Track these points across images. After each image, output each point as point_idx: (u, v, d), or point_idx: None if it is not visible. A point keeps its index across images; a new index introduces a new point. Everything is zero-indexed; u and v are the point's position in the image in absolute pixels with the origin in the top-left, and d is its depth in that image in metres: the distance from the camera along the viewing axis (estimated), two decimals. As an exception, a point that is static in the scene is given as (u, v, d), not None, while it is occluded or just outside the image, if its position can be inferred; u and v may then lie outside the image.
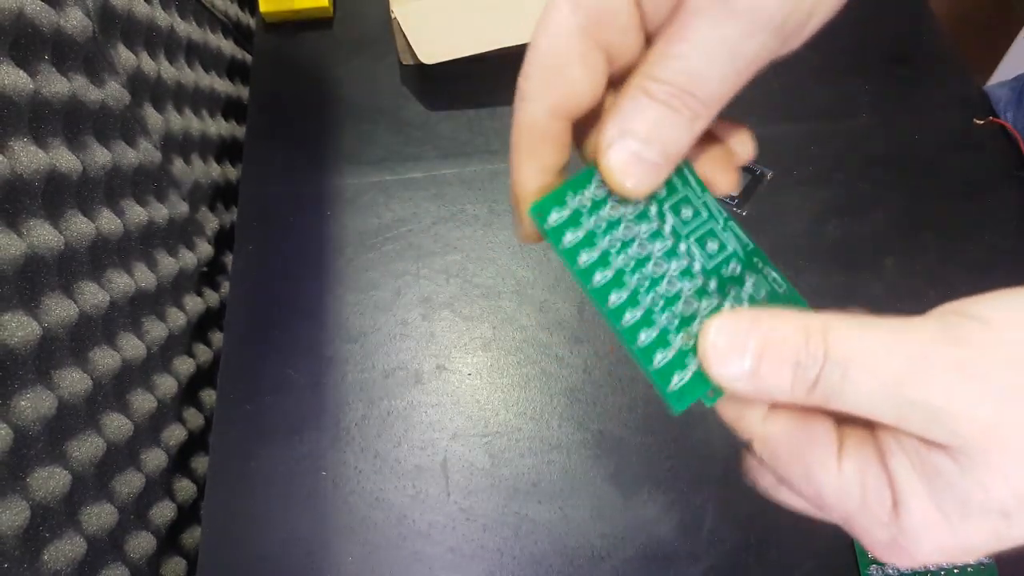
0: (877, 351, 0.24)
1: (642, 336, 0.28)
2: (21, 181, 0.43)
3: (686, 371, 0.27)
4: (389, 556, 0.56)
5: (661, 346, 0.28)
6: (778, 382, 0.25)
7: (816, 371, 0.24)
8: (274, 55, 0.80)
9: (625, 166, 0.28)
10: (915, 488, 0.24)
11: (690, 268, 0.29)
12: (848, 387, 0.24)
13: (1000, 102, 0.73)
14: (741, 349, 0.26)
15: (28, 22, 0.43)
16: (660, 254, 0.29)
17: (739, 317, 0.26)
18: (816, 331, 0.25)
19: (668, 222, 0.30)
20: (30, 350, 0.43)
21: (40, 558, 0.44)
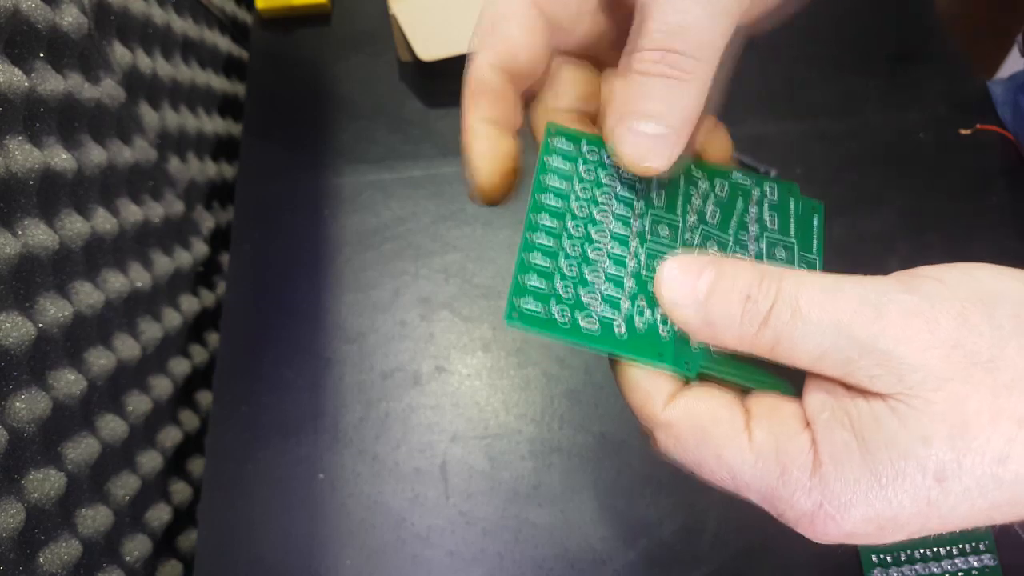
0: (830, 291, 0.24)
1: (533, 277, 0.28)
2: (15, 179, 0.43)
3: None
4: (387, 560, 0.56)
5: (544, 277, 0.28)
6: (728, 314, 0.25)
7: (767, 306, 0.24)
8: (271, 52, 0.79)
9: (634, 147, 0.28)
10: (844, 442, 0.23)
11: (623, 261, 0.29)
12: (798, 325, 0.24)
13: (998, 101, 0.73)
14: (695, 276, 0.25)
15: (23, 19, 0.43)
16: (609, 234, 0.30)
17: (699, 255, 0.26)
18: (771, 274, 0.25)
19: (640, 225, 0.30)
20: (24, 350, 0.42)
21: (35, 561, 0.43)
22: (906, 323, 0.23)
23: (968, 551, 0.53)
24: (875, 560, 0.54)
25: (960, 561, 0.53)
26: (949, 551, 0.53)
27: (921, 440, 0.22)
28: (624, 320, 0.28)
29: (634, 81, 0.28)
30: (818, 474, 0.23)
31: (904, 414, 0.22)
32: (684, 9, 0.27)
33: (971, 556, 0.53)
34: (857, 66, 0.77)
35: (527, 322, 0.27)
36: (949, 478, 0.22)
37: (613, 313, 0.28)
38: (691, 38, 0.27)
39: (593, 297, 0.28)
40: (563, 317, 0.27)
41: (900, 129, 0.73)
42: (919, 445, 0.22)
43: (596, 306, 0.28)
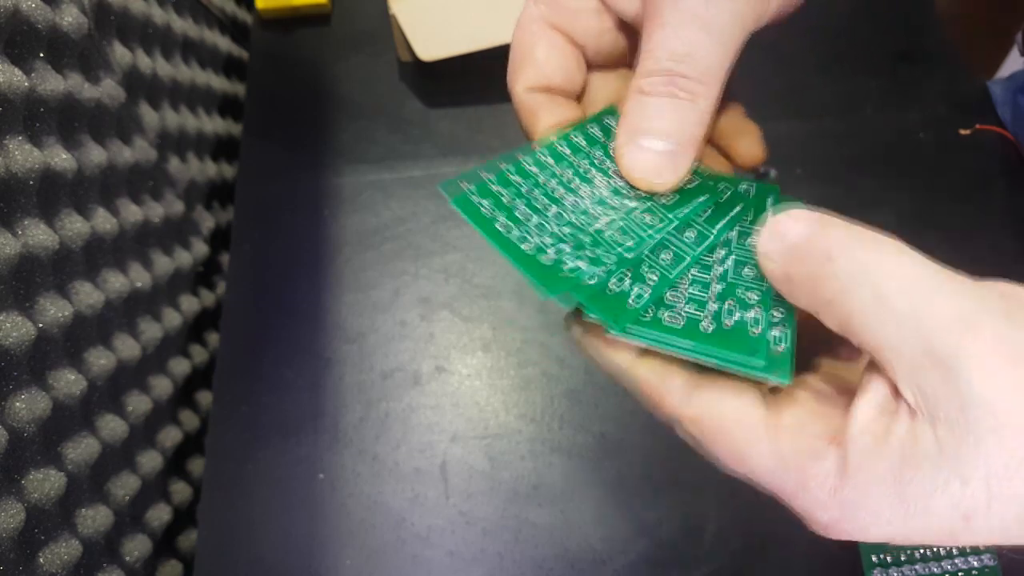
0: (926, 287, 0.22)
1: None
2: (15, 180, 0.43)
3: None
4: (387, 560, 0.56)
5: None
6: (807, 270, 0.25)
7: (848, 277, 0.23)
8: (271, 52, 0.79)
9: (643, 165, 0.29)
10: (879, 474, 0.22)
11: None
12: (878, 311, 0.22)
13: (998, 100, 0.73)
14: (785, 232, 0.26)
15: (23, 19, 0.43)
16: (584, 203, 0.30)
17: (798, 213, 0.26)
18: (867, 248, 0.24)
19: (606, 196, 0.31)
20: (24, 350, 0.42)
21: (35, 561, 0.43)
22: (992, 353, 0.21)
23: (968, 551, 0.53)
24: (875, 560, 0.54)
25: (960, 561, 0.53)
26: (949, 551, 0.53)
27: (960, 480, 0.21)
28: (712, 317, 0.27)
29: (641, 101, 0.29)
30: (840, 494, 0.23)
31: (951, 450, 0.21)
32: (689, 39, 0.28)
33: (971, 556, 0.53)
34: (857, 66, 0.77)
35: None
36: (977, 518, 0.22)
37: (697, 311, 0.27)
38: (697, 63, 0.28)
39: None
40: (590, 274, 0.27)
41: (900, 129, 0.73)
42: (957, 484, 0.21)
43: (679, 303, 0.27)
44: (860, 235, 0.24)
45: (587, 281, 0.27)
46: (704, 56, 0.28)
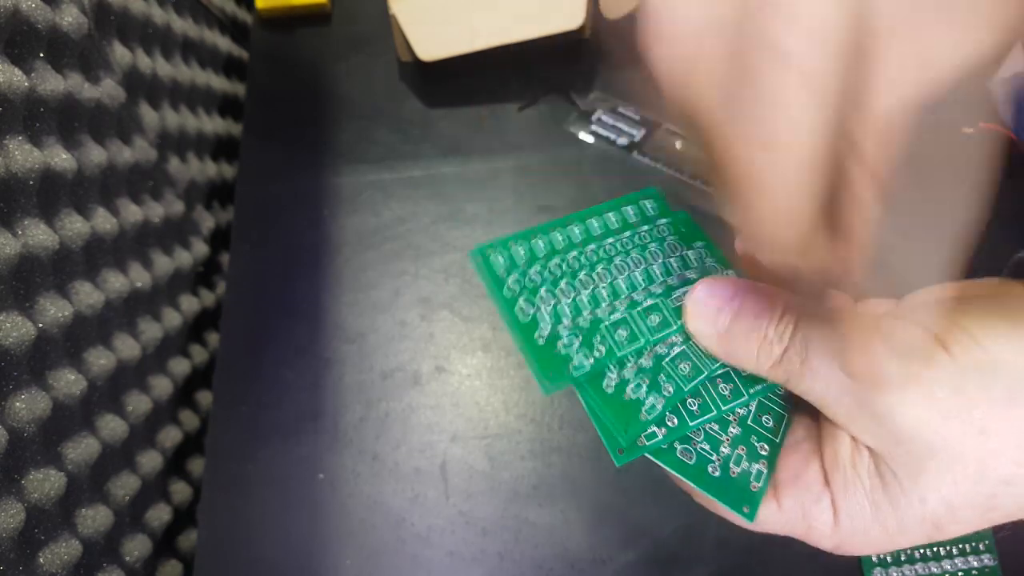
0: (839, 343, 0.25)
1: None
2: (16, 180, 0.43)
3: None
4: (387, 560, 0.56)
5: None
6: (745, 351, 0.27)
7: (780, 350, 0.26)
8: (271, 52, 0.79)
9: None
10: (859, 505, 0.26)
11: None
12: (806, 374, 0.25)
13: (1001, 100, 0.73)
14: (717, 311, 0.27)
15: (23, 19, 0.43)
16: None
17: (727, 282, 0.28)
18: (791, 312, 0.26)
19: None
20: (24, 350, 0.42)
21: (35, 561, 0.43)
22: (905, 392, 0.24)
23: (968, 551, 0.53)
24: (875, 560, 0.54)
25: (960, 561, 0.53)
26: (949, 551, 0.53)
27: (919, 499, 0.25)
28: (720, 463, 0.29)
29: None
30: (838, 528, 0.27)
31: (903, 476, 0.25)
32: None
33: (971, 556, 0.53)
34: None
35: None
36: (946, 524, 0.25)
37: (710, 451, 0.29)
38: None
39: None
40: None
41: (900, 129, 0.73)
42: (918, 504, 0.25)
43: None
44: (781, 305, 0.26)
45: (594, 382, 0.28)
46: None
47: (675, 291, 0.30)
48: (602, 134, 0.72)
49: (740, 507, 0.28)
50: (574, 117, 0.73)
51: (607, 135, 0.72)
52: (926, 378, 0.24)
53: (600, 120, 0.73)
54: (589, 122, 0.73)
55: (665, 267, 0.31)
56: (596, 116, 0.73)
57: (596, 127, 0.73)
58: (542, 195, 0.70)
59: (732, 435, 0.29)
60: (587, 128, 0.73)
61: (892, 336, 0.25)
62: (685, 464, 0.28)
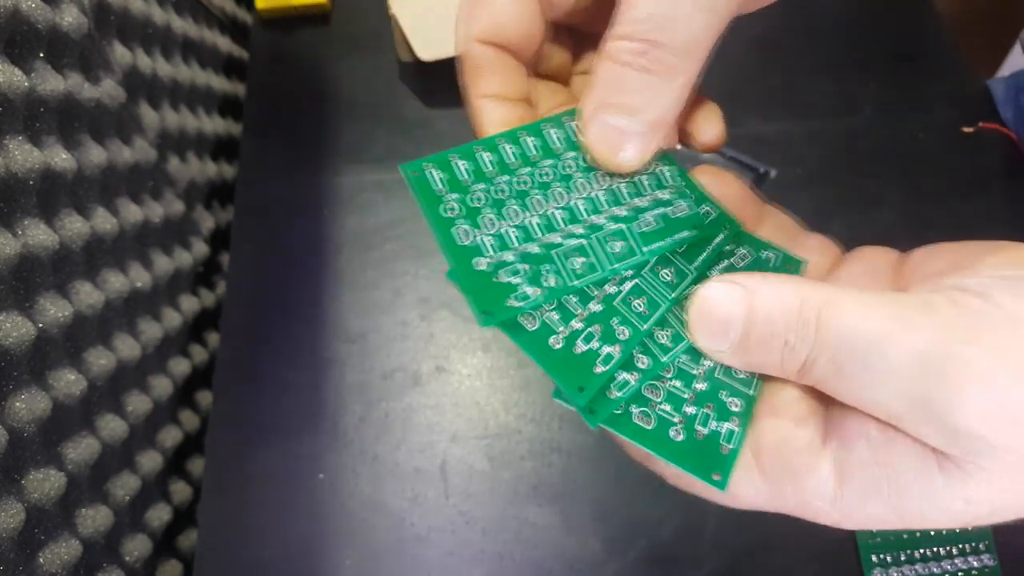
0: (878, 343, 0.21)
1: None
2: (16, 180, 0.43)
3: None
4: (387, 560, 0.56)
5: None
6: (765, 360, 0.23)
7: (805, 353, 0.22)
8: (271, 52, 0.79)
9: (608, 141, 0.26)
10: (876, 486, 0.22)
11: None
12: (838, 375, 0.22)
13: (999, 99, 0.73)
14: (725, 324, 0.23)
15: (23, 19, 0.43)
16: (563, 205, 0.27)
17: (731, 284, 0.24)
18: (811, 307, 0.22)
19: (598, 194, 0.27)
20: (24, 350, 0.42)
21: (35, 560, 0.43)
22: (968, 386, 0.20)
23: (968, 551, 0.53)
24: (875, 560, 0.54)
25: (960, 561, 0.53)
26: (949, 551, 0.53)
27: (963, 499, 0.21)
28: (684, 424, 0.25)
29: (611, 71, 0.26)
30: (840, 504, 0.23)
31: (951, 475, 0.21)
32: (672, 2, 0.24)
33: (971, 556, 0.53)
34: (857, 66, 0.77)
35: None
36: (981, 519, 0.22)
37: (671, 412, 0.25)
38: (678, 33, 0.25)
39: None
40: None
41: (900, 129, 0.73)
42: (960, 502, 0.21)
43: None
44: (799, 301, 0.23)
45: (528, 311, 0.24)
46: (687, 25, 0.24)
47: (644, 213, 0.27)
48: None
49: (709, 474, 0.24)
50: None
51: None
52: (989, 363, 0.20)
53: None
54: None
55: (634, 185, 0.28)
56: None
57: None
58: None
59: (697, 391, 0.25)
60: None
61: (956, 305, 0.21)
62: (643, 430, 0.24)
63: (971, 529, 0.54)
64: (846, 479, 0.23)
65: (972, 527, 0.22)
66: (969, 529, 0.54)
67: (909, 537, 0.54)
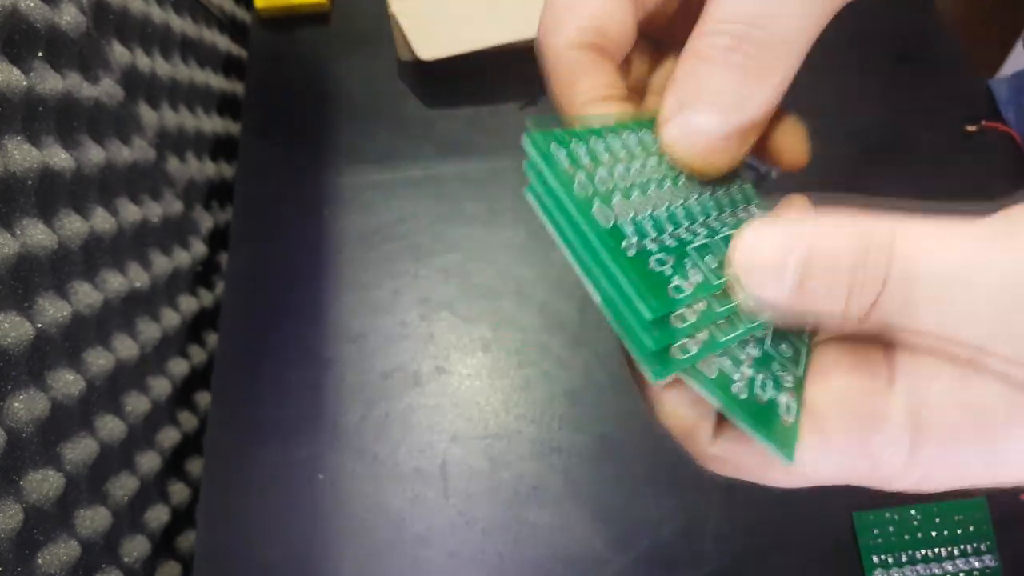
0: (963, 270, 0.19)
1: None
2: (14, 179, 0.43)
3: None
4: (387, 561, 0.56)
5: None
6: (827, 307, 0.20)
7: (875, 292, 0.19)
8: (270, 51, 0.79)
9: (688, 143, 0.24)
10: (960, 432, 0.20)
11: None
12: (914, 312, 0.19)
13: (1001, 100, 0.73)
14: (778, 269, 0.20)
15: (22, 18, 0.43)
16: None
17: (779, 224, 0.21)
18: (879, 244, 0.20)
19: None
20: (23, 351, 0.42)
21: (34, 561, 0.43)
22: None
23: (969, 552, 0.53)
24: (876, 561, 0.53)
25: (961, 562, 0.53)
26: (950, 552, 0.53)
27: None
28: (746, 384, 0.22)
29: (697, 67, 0.23)
30: (918, 462, 0.20)
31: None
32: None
33: (972, 557, 0.53)
34: (858, 65, 0.76)
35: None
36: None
37: (731, 367, 0.22)
38: (775, 30, 0.23)
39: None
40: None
41: (902, 129, 0.73)
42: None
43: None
44: (867, 232, 0.20)
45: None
46: (785, 22, 0.23)
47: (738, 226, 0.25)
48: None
49: (781, 448, 0.21)
50: (574, 117, 0.73)
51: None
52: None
53: (600, 120, 0.73)
54: (589, 122, 0.73)
55: (718, 203, 0.26)
56: (596, 116, 0.73)
57: (596, 127, 0.72)
58: (542, 195, 0.69)
59: (751, 356, 0.23)
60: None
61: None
62: (707, 377, 0.22)
63: (972, 528, 0.54)
64: (923, 428, 0.20)
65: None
66: (971, 528, 0.54)
67: (910, 538, 0.54)
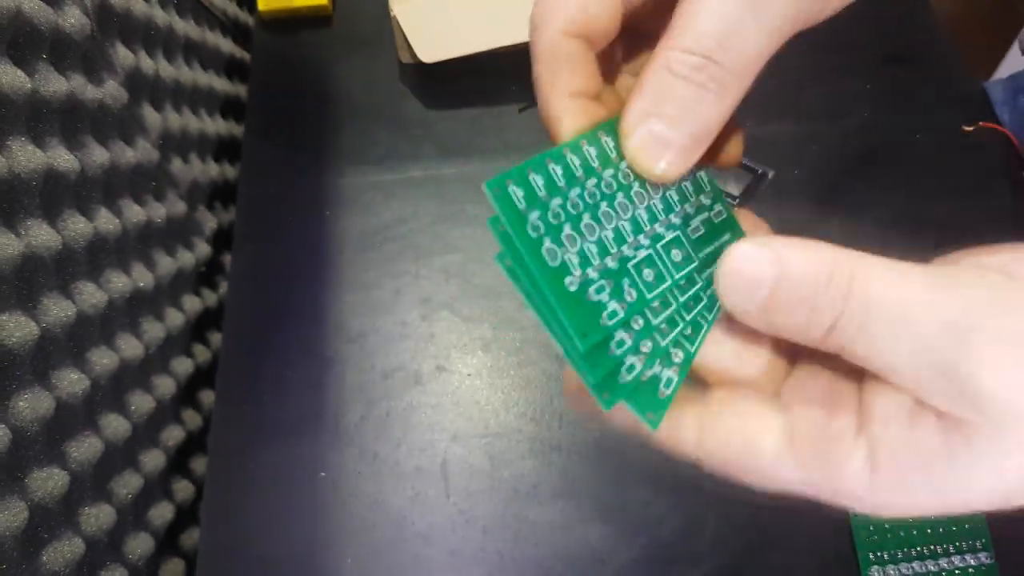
0: (908, 309, 0.21)
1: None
2: (19, 180, 0.43)
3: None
4: (388, 559, 0.56)
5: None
6: (791, 322, 0.23)
7: (833, 317, 0.22)
8: (273, 53, 0.80)
9: (651, 150, 0.26)
10: (911, 467, 0.22)
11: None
12: (868, 341, 0.22)
13: (997, 101, 0.73)
14: (755, 284, 0.23)
15: (26, 21, 0.43)
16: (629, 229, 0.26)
17: (763, 246, 0.23)
18: (841, 272, 0.22)
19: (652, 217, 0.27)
20: (28, 350, 0.43)
21: (39, 559, 0.43)
22: (992, 353, 0.21)
23: (965, 549, 0.53)
24: (872, 558, 0.54)
25: (957, 559, 0.53)
26: (946, 549, 0.53)
27: (997, 472, 0.21)
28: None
29: (664, 80, 0.25)
30: (875, 490, 0.23)
31: (979, 447, 0.21)
32: (734, 20, 0.24)
33: (968, 554, 0.53)
34: (854, 67, 0.77)
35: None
36: (1016, 499, 0.22)
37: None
38: (736, 52, 0.25)
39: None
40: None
41: (897, 130, 0.73)
42: (994, 478, 0.21)
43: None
44: (830, 265, 0.23)
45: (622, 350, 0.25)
46: (745, 45, 0.25)
47: (692, 219, 0.28)
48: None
49: (645, 412, 0.24)
50: (574, 118, 0.73)
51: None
52: (1009, 332, 0.21)
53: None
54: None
55: (681, 191, 0.28)
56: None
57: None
58: (542, 195, 0.70)
59: (654, 338, 0.26)
60: (587, 129, 0.73)
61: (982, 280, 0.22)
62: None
63: (967, 526, 0.54)
64: (880, 466, 0.23)
65: (1010, 506, 0.22)
66: (966, 526, 0.54)
67: (906, 535, 0.54)
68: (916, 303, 0.21)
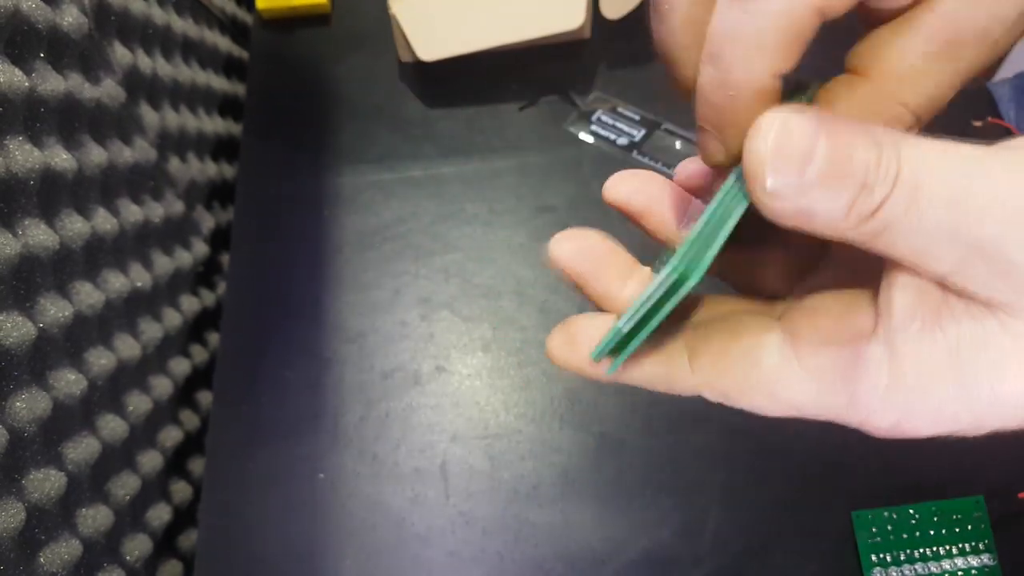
0: (959, 178, 0.19)
1: None
2: (16, 180, 0.43)
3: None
4: (387, 560, 0.56)
5: None
6: (832, 205, 0.20)
7: (882, 195, 0.19)
8: (271, 52, 0.79)
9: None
10: (937, 363, 0.20)
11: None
12: (911, 219, 0.19)
13: (1002, 99, 0.73)
14: (808, 154, 0.19)
15: (24, 19, 0.43)
16: None
17: (808, 114, 0.20)
18: (889, 145, 0.19)
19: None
20: (25, 350, 0.42)
21: (36, 560, 0.43)
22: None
23: (967, 550, 0.53)
24: (875, 559, 0.54)
25: (960, 560, 0.53)
26: (949, 550, 0.53)
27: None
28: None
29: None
30: (895, 395, 0.21)
31: (1016, 328, 0.19)
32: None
33: (970, 555, 0.53)
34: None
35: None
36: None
37: None
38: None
39: None
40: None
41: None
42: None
43: None
44: (876, 135, 0.20)
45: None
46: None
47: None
48: (602, 134, 0.72)
49: (603, 354, 0.24)
50: (574, 117, 0.73)
51: (607, 135, 0.72)
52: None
53: (600, 120, 0.73)
54: (589, 122, 0.73)
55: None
56: (596, 116, 0.73)
57: (596, 127, 0.73)
58: (542, 195, 0.70)
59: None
60: (587, 128, 0.73)
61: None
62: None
63: (970, 527, 0.54)
64: (902, 366, 0.21)
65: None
66: (969, 527, 0.54)
67: (908, 536, 0.54)
68: (966, 176, 0.19)
